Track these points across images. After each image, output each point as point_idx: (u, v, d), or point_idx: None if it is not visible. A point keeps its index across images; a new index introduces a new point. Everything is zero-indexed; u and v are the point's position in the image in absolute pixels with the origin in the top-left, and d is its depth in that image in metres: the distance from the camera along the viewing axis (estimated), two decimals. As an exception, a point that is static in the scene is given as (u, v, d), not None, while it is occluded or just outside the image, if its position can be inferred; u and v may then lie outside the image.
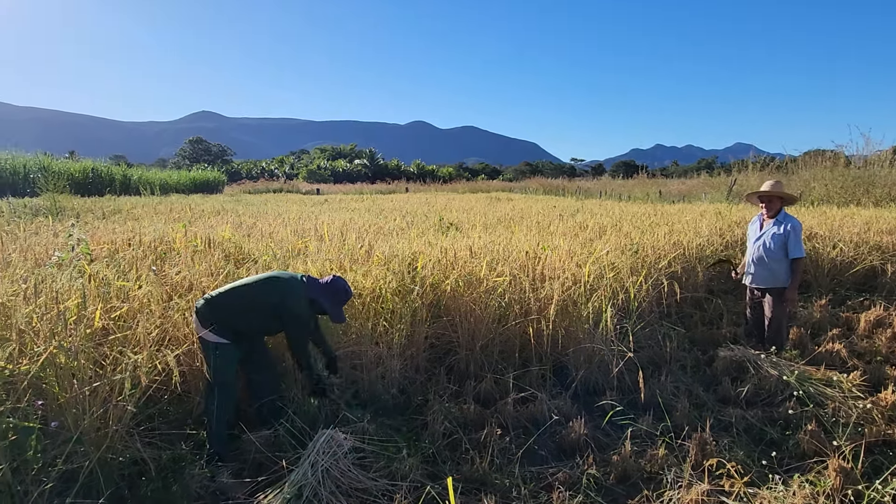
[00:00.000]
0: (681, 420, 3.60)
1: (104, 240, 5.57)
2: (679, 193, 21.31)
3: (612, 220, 8.73)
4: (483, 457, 3.10)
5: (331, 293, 3.40)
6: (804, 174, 16.08)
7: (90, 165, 26.54)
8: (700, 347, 5.02)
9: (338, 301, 3.42)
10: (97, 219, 9.50)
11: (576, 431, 3.42)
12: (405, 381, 4.05)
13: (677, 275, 5.72)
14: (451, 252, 4.96)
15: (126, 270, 3.97)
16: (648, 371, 4.29)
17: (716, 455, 3.07)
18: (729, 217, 9.13)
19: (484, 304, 4.35)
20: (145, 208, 12.11)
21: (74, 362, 2.58)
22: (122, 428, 2.71)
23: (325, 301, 3.36)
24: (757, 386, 4.05)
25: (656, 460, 3.11)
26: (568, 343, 4.30)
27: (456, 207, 13.34)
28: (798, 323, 5.54)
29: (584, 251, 5.39)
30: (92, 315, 2.89)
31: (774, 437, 3.46)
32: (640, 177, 31.67)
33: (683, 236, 6.80)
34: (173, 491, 2.72)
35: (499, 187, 38.65)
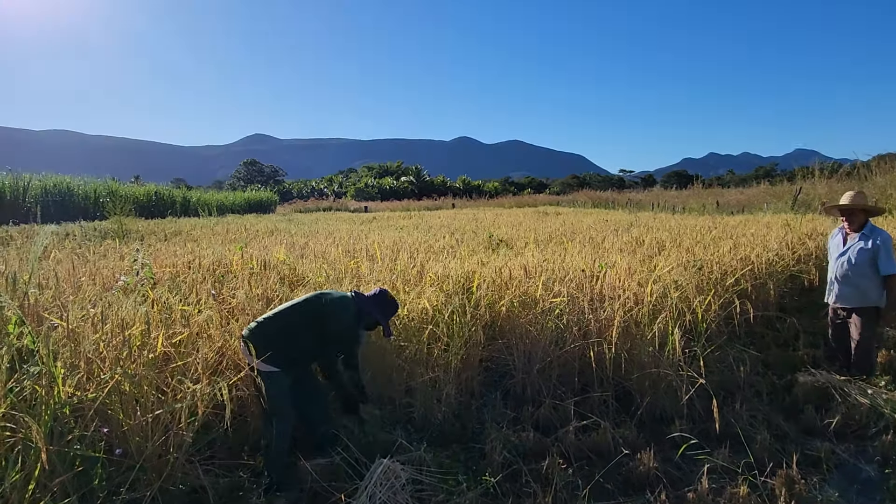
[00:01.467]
0: (761, 454, 3.30)
1: (166, 262, 5.76)
2: (738, 204, 20.35)
3: (670, 235, 8.37)
4: (546, 491, 2.92)
5: (380, 305, 3.39)
6: (879, 180, 14.98)
7: (153, 189, 28.04)
8: (775, 372, 4.66)
9: (387, 313, 3.42)
10: (159, 241, 9.91)
11: (645, 464, 3.19)
12: (460, 407, 3.93)
13: (747, 292, 5.36)
14: (506, 271, 4.82)
15: (186, 294, 4.05)
16: (720, 398, 3.99)
17: (805, 495, 2.79)
18: (798, 229, 8.58)
19: (541, 325, 4.19)
20: (203, 229, 12.59)
21: (138, 389, 2.61)
22: (181, 455, 2.71)
23: (377, 312, 3.35)
24: (846, 416, 3.70)
25: (737, 500, 2.85)
26: (631, 367, 4.07)
27: (504, 223, 13.19)
28: (887, 345, 5.06)
29: (643, 269, 5.14)
30: (155, 341, 2.93)
31: (871, 475, 3.12)
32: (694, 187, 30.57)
33: (750, 250, 6.40)
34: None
35: (546, 201, 38.20)
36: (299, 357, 3.19)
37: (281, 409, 3.03)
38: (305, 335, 3.15)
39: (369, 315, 3.34)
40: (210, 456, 3.00)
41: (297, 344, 3.13)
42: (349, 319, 3.26)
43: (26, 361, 2.44)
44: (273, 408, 3.02)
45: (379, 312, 3.36)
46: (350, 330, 3.28)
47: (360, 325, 3.37)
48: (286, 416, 3.06)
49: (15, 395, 2.22)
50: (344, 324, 3.23)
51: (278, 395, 3.02)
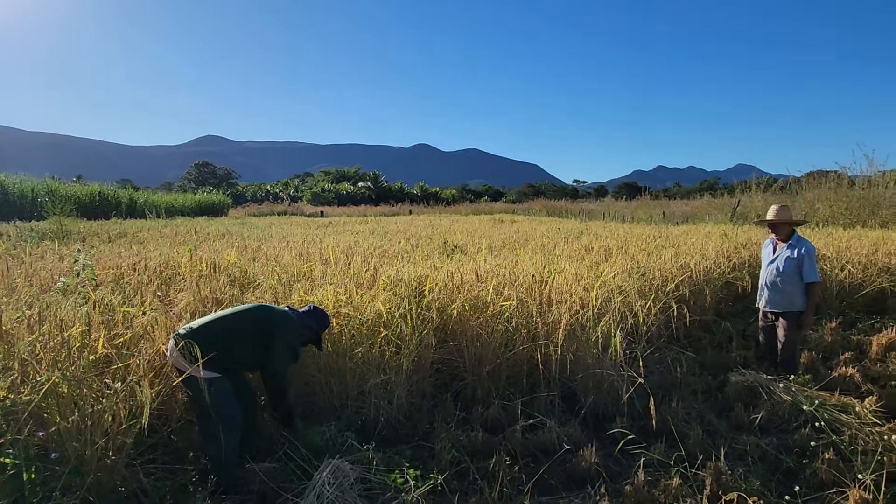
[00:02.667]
0: (694, 448, 3.51)
1: (109, 264, 5.57)
2: (683, 215, 21.29)
3: (617, 243, 8.70)
4: (492, 487, 3.01)
5: (317, 319, 3.47)
6: (808, 195, 16.06)
7: (97, 189, 26.81)
8: (710, 372, 4.94)
9: (322, 327, 3.52)
10: (103, 242, 9.53)
11: (587, 460, 3.34)
12: (411, 408, 3.98)
13: (685, 298, 5.66)
14: (458, 276, 4.92)
15: (131, 296, 3.95)
16: (659, 397, 4.21)
17: (732, 485, 2.98)
18: (735, 239, 9.08)
19: (491, 328, 4.30)
20: (151, 231, 12.17)
21: (77, 391, 2.54)
22: (122, 459, 2.65)
23: (315, 326, 3.45)
24: (770, 412, 3.97)
25: (670, 491, 3.02)
26: (576, 368, 4.23)
27: (460, 230, 13.34)
28: (809, 346, 5.45)
29: (590, 274, 5.35)
30: (95, 342, 2.85)
31: (791, 465, 3.37)
32: (642, 198, 31.71)
33: (690, 258, 6.75)
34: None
35: (502, 209, 38.77)
36: (241, 364, 3.18)
37: (227, 415, 2.96)
38: (251, 343, 3.14)
39: (308, 328, 3.42)
40: (152, 459, 2.94)
41: (242, 351, 3.11)
42: (294, 333, 3.32)
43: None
44: (218, 414, 2.91)
45: (317, 326, 3.47)
46: (293, 344, 3.32)
47: (300, 340, 3.41)
48: (233, 421, 2.99)
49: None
50: (290, 337, 3.27)
51: (224, 401, 2.95)
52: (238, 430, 3.06)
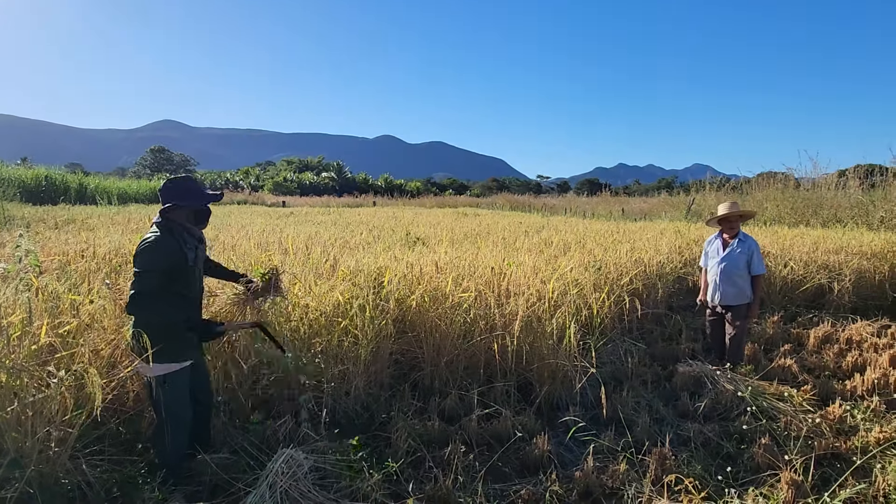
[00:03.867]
0: (641, 435, 3.66)
1: (55, 251, 5.34)
2: (641, 212, 21.90)
3: (576, 237, 8.89)
4: (447, 475, 3.07)
5: (177, 194, 2.83)
6: (758, 195, 16.78)
7: (43, 173, 25.49)
8: (660, 363, 5.13)
9: (183, 195, 2.84)
10: (49, 229, 9.10)
11: (539, 448, 3.43)
12: (369, 398, 3.99)
13: (638, 291, 5.86)
14: (417, 267, 4.94)
15: (78, 284, 3.81)
16: (611, 386, 4.36)
17: (675, 469, 3.12)
18: (688, 235, 9.42)
19: (449, 319, 4.34)
20: (102, 218, 11.68)
21: (17, 381, 2.45)
22: (66, 450, 2.57)
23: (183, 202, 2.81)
24: (714, 401, 4.16)
25: (618, 476, 3.14)
26: (532, 359, 4.32)
27: (423, 222, 13.34)
28: (753, 339, 5.73)
29: (548, 268, 5.46)
30: (38, 331, 2.75)
31: (731, 451, 3.55)
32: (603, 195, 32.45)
33: (644, 254, 6.97)
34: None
35: (466, 203, 38.91)
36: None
37: (178, 414, 2.84)
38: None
39: (172, 211, 2.80)
40: (100, 451, 2.85)
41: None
42: (147, 241, 2.71)
43: None
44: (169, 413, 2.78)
45: (182, 201, 2.82)
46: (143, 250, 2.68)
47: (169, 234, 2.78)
48: (184, 420, 2.88)
49: None
50: (142, 247, 2.70)
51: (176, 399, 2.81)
52: (188, 428, 2.94)
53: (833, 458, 3.43)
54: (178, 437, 2.86)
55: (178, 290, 2.80)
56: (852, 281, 7.25)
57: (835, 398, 4.24)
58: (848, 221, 12.86)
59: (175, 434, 2.85)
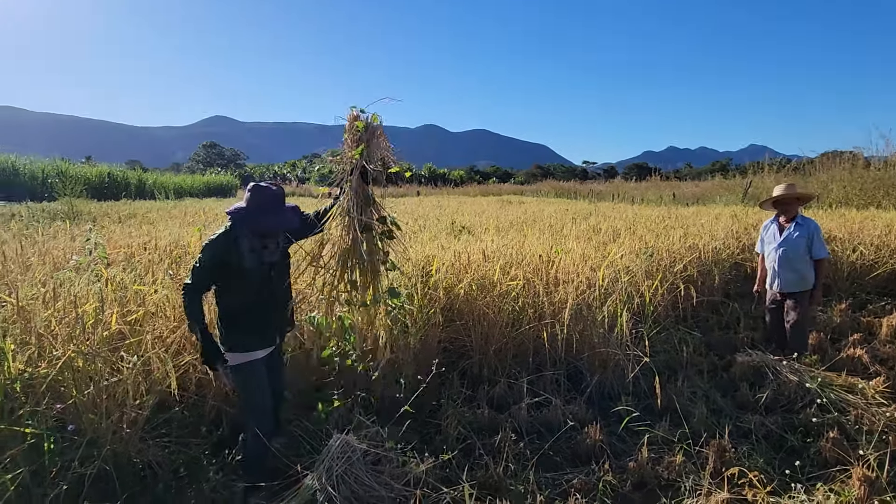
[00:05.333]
0: (698, 426, 3.54)
1: (120, 244, 5.63)
2: (693, 196, 21.08)
3: (625, 224, 8.66)
4: (497, 462, 3.07)
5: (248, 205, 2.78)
6: (822, 176, 15.82)
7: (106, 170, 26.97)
8: (717, 352, 4.94)
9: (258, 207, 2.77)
10: (113, 223, 9.62)
11: (591, 437, 3.38)
12: (418, 386, 4.03)
13: (693, 278, 5.65)
14: (465, 256, 4.93)
15: (142, 274, 4.00)
16: (665, 376, 4.23)
17: (735, 462, 3.01)
18: (745, 220, 9.01)
19: (497, 307, 4.32)
20: (160, 212, 12.26)
21: (92, 366, 2.60)
22: (136, 432, 2.72)
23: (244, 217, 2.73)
24: (776, 392, 3.98)
25: (674, 467, 3.06)
26: (582, 347, 4.26)
27: (468, 211, 13.31)
28: (818, 328, 5.43)
29: (598, 255, 5.34)
30: (109, 319, 2.91)
31: (795, 444, 3.39)
32: (652, 179, 31.40)
33: (699, 239, 6.71)
34: (188, 494, 2.74)
35: (510, 190, 38.56)
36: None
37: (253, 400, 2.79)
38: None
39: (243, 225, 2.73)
40: (166, 433, 3.01)
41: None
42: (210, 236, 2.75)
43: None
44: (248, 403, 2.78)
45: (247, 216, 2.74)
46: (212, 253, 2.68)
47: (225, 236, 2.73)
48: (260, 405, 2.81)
49: (-38, 370, 2.20)
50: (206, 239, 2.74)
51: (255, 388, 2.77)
52: (268, 414, 2.84)
53: (910, 454, 3.22)
54: (260, 424, 2.79)
55: (231, 290, 2.75)
56: (930, 266, 6.76)
57: (911, 391, 3.98)
58: (925, 203, 11.98)
59: (257, 421, 2.79)
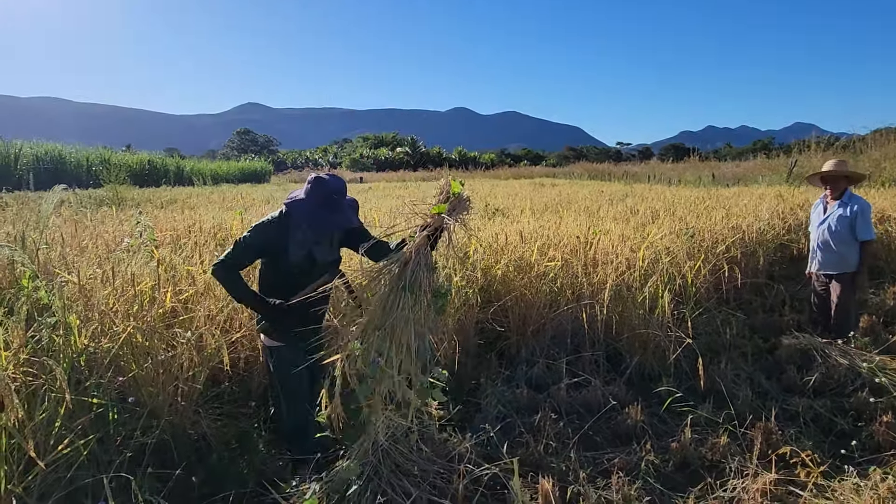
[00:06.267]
0: (743, 409, 3.48)
1: (166, 227, 5.83)
2: (734, 177, 20.39)
3: (664, 205, 8.47)
4: (538, 441, 3.09)
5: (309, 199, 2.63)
6: (874, 154, 15.07)
7: (146, 158, 27.82)
8: (761, 335, 4.82)
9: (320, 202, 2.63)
10: (156, 208, 9.94)
11: (632, 418, 3.36)
12: (457, 366, 4.07)
13: (736, 259, 5.50)
14: (502, 237, 4.93)
15: (189, 256, 4.14)
16: (707, 358, 4.15)
17: (782, 444, 2.96)
18: (791, 200, 8.69)
19: (535, 288, 4.32)
20: (199, 197, 12.60)
21: (149, 341, 2.72)
22: (190, 405, 2.84)
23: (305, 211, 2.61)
24: (825, 375, 3.87)
25: (718, 448, 3.03)
26: (622, 329, 4.22)
27: (500, 194, 13.23)
28: (869, 310, 5.24)
29: (636, 236, 5.25)
30: (163, 297, 3.03)
31: (846, 428, 3.31)
32: (691, 160, 30.52)
33: (742, 220, 6.52)
34: (240, 465, 2.85)
35: (542, 173, 38.09)
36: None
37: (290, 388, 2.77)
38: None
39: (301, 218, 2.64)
40: (218, 407, 3.13)
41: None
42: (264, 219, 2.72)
43: (41, 315, 2.53)
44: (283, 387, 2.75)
45: (308, 210, 2.60)
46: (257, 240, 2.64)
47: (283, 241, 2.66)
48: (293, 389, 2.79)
49: (34, 343, 2.33)
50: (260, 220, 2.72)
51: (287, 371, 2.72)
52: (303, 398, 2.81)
53: (969, 439, 3.10)
54: (292, 407, 2.80)
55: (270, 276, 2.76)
56: None
57: (970, 376, 3.81)
58: None
59: (289, 404, 2.79)
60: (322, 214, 2.61)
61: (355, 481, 2.52)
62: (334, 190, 2.67)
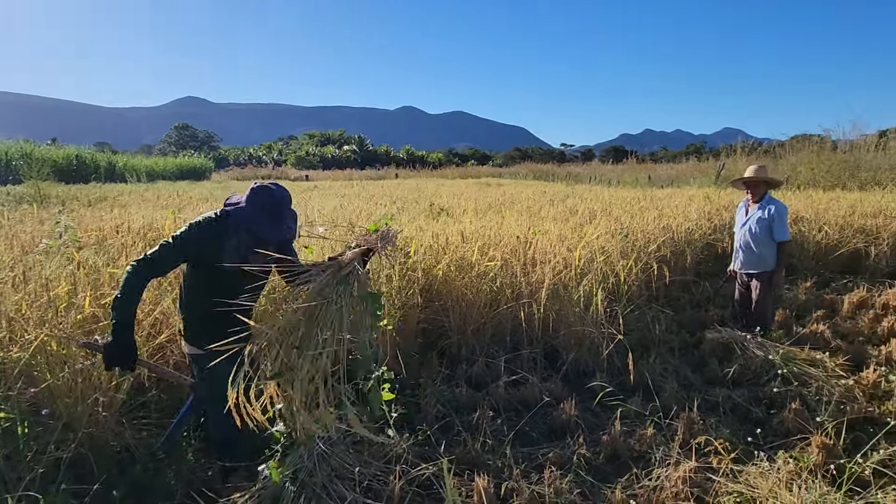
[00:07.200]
0: (669, 401, 3.66)
1: (91, 227, 5.51)
2: (668, 178, 21.39)
3: (601, 205, 8.78)
4: (475, 438, 3.14)
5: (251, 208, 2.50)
6: (791, 159, 16.21)
7: (74, 152, 26.15)
8: (688, 330, 5.09)
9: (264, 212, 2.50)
10: (83, 206, 9.37)
11: (566, 413, 3.47)
12: (397, 366, 4.07)
13: (666, 258, 5.78)
14: (443, 237, 4.96)
15: (115, 258, 3.94)
16: (638, 353, 4.34)
17: (702, 434, 3.14)
18: (717, 201, 9.21)
19: (476, 288, 4.38)
20: (132, 195, 11.99)
21: (65, 349, 2.57)
22: (112, 415, 2.71)
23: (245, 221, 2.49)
24: (743, 366, 4.13)
25: (645, 440, 3.17)
26: (559, 326, 4.34)
27: (446, 193, 13.31)
28: (784, 305, 5.63)
29: (574, 236, 5.42)
30: (82, 302, 2.87)
31: (760, 415, 3.54)
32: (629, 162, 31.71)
33: (672, 220, 6.85)
34: (167, 475, 2.74)
35: (489, 173, 38.56)
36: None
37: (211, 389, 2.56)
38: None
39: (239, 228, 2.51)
40: (145, 416, 3.00)
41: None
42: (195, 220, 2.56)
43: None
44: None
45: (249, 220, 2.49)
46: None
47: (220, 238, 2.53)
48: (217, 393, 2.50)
49: (-69, 354, 2.16)
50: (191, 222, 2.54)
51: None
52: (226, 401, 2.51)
53: (866, 422, 3.39)
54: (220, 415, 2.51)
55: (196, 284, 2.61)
56: (890, 245, 7.03)
57: (869, 363, 4.17)
58: (888, 184, 12.36)
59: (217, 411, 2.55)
60: (263, 222, 2.49)
61: (288, 487, 2.48)
62: (279, 199, 2.54)
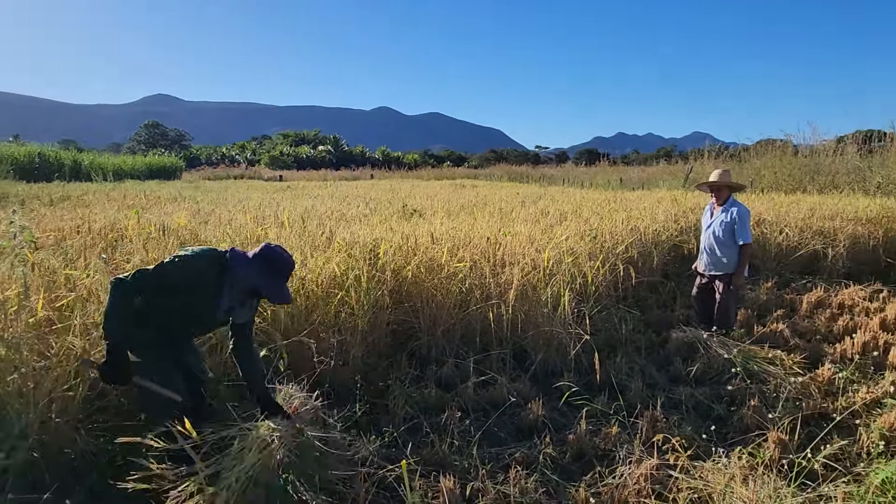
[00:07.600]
0: (634, 399, 3.73)
1: (51, 227, 5.35)
2: (639, 181, 21.79)
3: (572, 207, 8.88)
4: (443, 439, 3.14)
5: (261, 264, 2.59)
6: (756, 162, 16.68)
7: (36, 150, 25.27)
8: (654, 329, 5.19)
9: (272, 272, 2.60)
10: (44, 205, 9.07)
11: (534, 413, 3.51)
12: (367, 368, 4.05)
13: (634, 259, 5.88)
14: (413, 238, 4.96)
15: (74, 259, 3.82)
16: (605, 353, 4.41)
17: (665, 431, 3.20)
18: (684, 203, 9.41)
19: (445, 289, 4.39)
20: (97, 195, 11.63)
21: (16, 354, 2.48)
22: (66, 420, 2.62)
23: (254, 276, 2.57)
24: (706, 365, 4.23)
25: (610, 438, 3.22)
26: (527, 327, 4.38)
27: (420, 194, 13.30)
28: (746, 305, 5.79)
29: (544, 237, 5.48)
30: (35, 305, 2.77)
31: (721, 413, 3.63)
32: (602, 164, 32.23)
33: (640, 222, 6.98)
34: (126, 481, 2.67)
35: (464, 174, 38.66)
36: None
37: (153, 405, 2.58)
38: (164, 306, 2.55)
39: (245, 278, 2.59)
40: (103, 420, 2.91)
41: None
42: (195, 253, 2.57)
43: None
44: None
45: (256, 274, 2.57)
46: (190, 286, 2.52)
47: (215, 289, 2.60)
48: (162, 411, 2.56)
49: None
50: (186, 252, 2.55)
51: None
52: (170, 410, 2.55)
53: (820, 418, 3.51)
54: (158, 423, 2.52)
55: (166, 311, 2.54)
56: (846, 246, 7.29)
57: (825, 361, 4.32)
58: (845, 188, 12.82)
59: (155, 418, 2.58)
60: (271, 282, 2.60)
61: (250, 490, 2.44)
62: (290, 265, 2.68)
